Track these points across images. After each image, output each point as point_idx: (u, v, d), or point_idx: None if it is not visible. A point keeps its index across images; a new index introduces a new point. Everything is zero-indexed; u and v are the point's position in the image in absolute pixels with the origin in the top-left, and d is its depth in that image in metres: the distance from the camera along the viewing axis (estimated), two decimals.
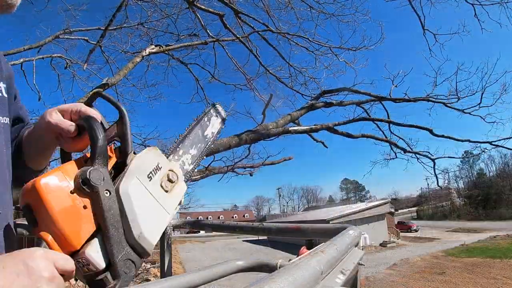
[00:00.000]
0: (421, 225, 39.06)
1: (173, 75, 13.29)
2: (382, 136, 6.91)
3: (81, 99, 3.56)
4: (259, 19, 5.35)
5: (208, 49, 6.32)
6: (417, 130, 6.50)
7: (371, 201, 46.24)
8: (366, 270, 14.54)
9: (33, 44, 5.47)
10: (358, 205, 32.80)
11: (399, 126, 6.60)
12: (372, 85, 6.96)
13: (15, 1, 0.65)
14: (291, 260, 0.59)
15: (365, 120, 6.53)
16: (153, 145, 0.66)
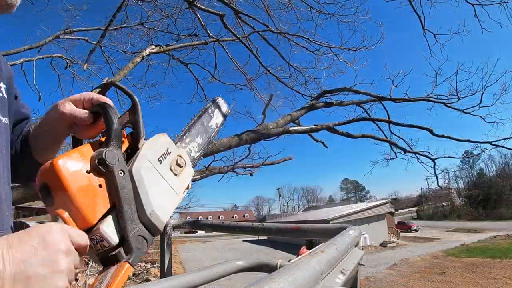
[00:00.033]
0: (421, 225, 39.05)
1: (173, 75, 13.38)
2: (382, 136, 6.90)
3: (94, 89, 3.58)
4: (259, 19, 5.36)
5: (208, 49, 6.33)
6: (417, 130, 6.48)
7: (371, 201, 46.20)
8: (366, 270, 14.54)
9: (33, 44, 5.47)
10: (358, 205, 32.73)
11: (399, 126, 6.59)
12: (372, 85, 6.98)
13: (15, 1, 0.65)
14: (291, 260, 0.59)
15: (365, 120, 6.52)
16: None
